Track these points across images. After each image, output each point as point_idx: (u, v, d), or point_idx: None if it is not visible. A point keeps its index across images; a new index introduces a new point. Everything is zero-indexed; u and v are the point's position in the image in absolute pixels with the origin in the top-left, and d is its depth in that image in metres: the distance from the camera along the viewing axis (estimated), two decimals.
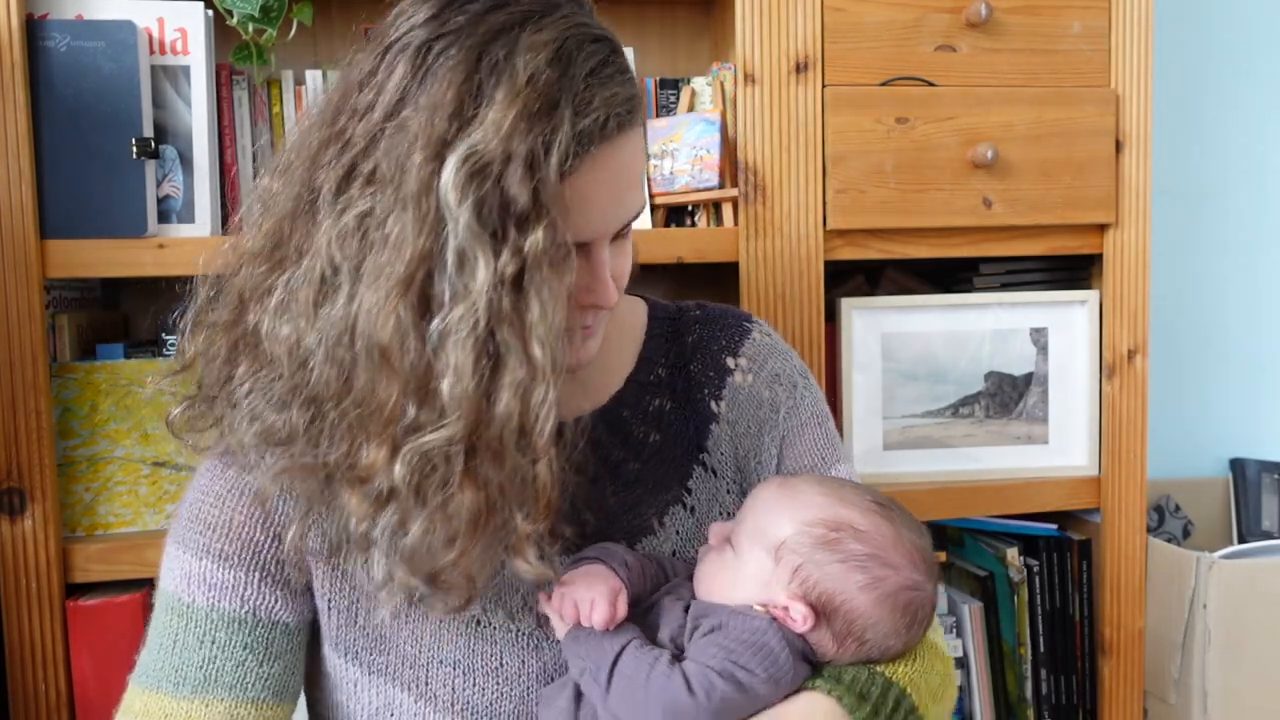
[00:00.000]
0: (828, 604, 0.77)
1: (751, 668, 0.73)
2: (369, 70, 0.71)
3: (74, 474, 1.22)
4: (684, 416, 0.92)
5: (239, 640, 0.79)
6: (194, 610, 0.79)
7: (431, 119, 0.67)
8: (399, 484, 0.69)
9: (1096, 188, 1.40)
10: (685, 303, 0.99)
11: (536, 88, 0.67)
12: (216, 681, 0.78)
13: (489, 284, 0.66)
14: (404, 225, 0.66)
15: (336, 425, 0.71)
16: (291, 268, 0.72)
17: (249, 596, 0.79)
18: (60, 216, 1.17)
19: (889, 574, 0.77)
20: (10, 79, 1.14)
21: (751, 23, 1.31)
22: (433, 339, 0.67)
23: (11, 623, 1.18)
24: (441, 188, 0.66)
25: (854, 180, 1.33)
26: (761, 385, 0.94)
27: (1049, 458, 1.46)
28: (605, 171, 0.72)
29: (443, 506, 0.69)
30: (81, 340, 1.27)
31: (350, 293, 0.69)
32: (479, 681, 0.81)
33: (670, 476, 0.90)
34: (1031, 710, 1.47)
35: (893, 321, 1.42)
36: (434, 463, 0.69)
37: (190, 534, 0.81)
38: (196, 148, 1.22)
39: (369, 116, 0.70)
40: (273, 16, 1.21)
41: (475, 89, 0.67)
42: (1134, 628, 1.46)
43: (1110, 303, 1.43)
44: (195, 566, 0.80)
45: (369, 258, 0.68)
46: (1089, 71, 1.40)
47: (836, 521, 0.78)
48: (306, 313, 0.70)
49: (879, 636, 0.78)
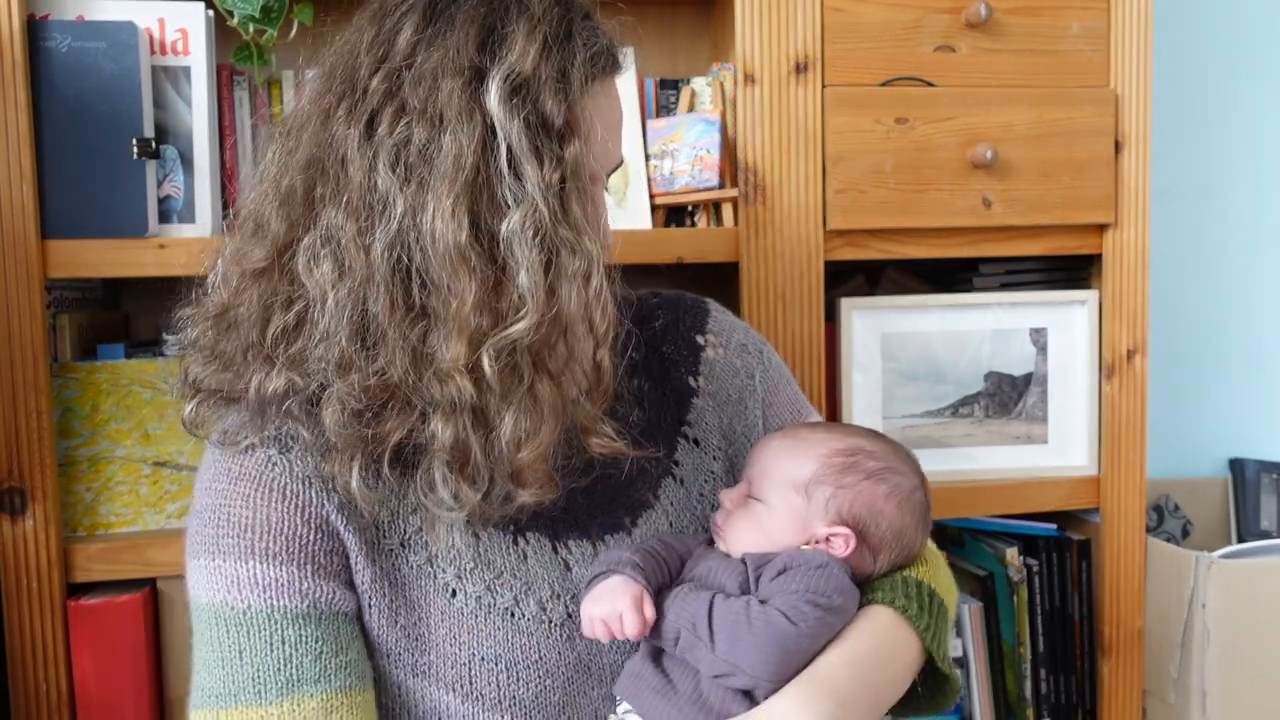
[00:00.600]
0: (861, 520, 0.85)
1: (829, 593, 0.80)
2: (373, 34, 0.77)
3: (75, 474, 1.23)
4: (663, 394, 0.96)
5: (309, 634, 0.76)
6: (252, 615, 0.76)
7: (460, 52, 0.73)
8: (489, 378, 0.72)
9: (1096, 188, 1.40)
10: (638, 291, 1.01)
11: (552, 19, 0.76)
12: (301, 679, 0.75)
13: (541, 188, 0.73)
14: (458, 142, 0.72)
15: (403, 342, 0.73)
16: (327, 209, 0.74)
17: (308, 590, 0.77)
18: (61, 216, 1.17)
19: (901, 479, 0.88)
20: (11, 79, 1.14)
21: (751, 23, 1.31)
22: (503, 239, 0.72)
23: (12, 623, 1.18)
24: (489, 105, 0.72)
25: (854, 180, 1.33)
26: (733, 356, 1.00)
27: (1049, 458, 1.46)
28: (607, 101, 0.82)
29: (528, 394, 0.74)
30: (82, 340, 1.27)
31: (408, 210, 0.72)
32: (521, 675, 0.82)
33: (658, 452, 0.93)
34: (1031, 710, 1.47)
35: (893, 321, 1.42)
36: (517, 357, 0.73)
37: (225, 539, 0.78)
38: (197, 148, 1.22)
39: (385, 66, 0.75)
40: (273, 17, 1.21)
41: (498, 23, 0.75)
42: (1133, 627, 1.46)
43: (1110, 303, 1.43)
44: (242, 571, 0.76)
45: (421, 179, 0.73)
46: (1088, 72, 1.40)
47: (849, 448, 0.87)
48: (353, 242, 0.73)
49: (906, 540, 0.88)
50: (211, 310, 0.80)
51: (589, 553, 0.87)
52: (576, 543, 0.87)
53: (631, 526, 0.90)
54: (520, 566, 0.84)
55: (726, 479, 0.96)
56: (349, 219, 0.73)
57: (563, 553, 0.86)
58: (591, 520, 0.88)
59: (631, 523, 0.90)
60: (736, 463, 0.98)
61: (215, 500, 0.79)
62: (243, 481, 0.79)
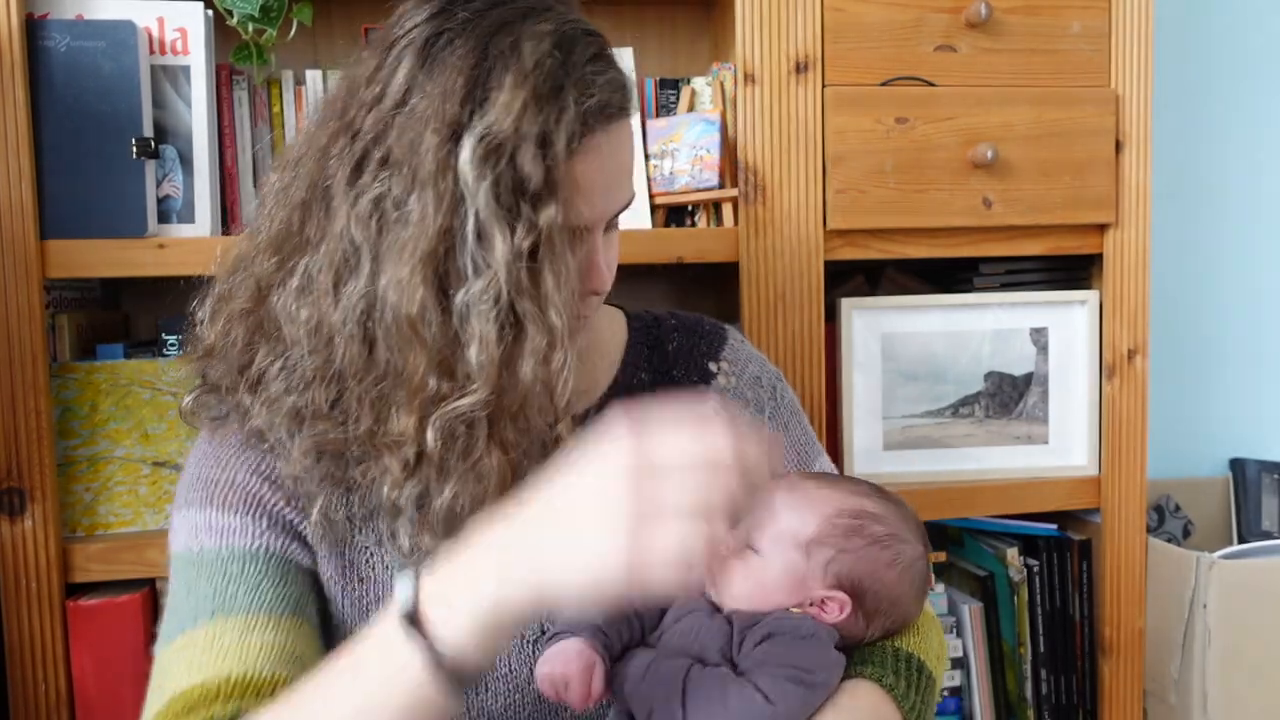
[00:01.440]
0: (859, 586, 0.81)
1: (811, 668, 0.76)
2: (374, 66, 0.74)
3: (74, 474, 1.22)
4: None
5: (252, 570, 0.78)
6: (204, 554, 0.78)
7: (443, 104, 0.70)
8: (430, 450, 0.71)
9: (1096, 188, 1.40)
10: (658, 311, 1.01)
11: (543, 72, 0.71)
12: (233, 606, 0.76)
13: (508, 257, 0.69)
14: (424, 204, 0.69)
15: (362, 400, 0.73)
16: (310, 253, 0.74)
17: (258, 534, 0.79)
18: (60, 216, 1.17)
19: (905, 548, 0.84)
20: (10, 79, 1.14)
21: (751, 23, 1.31)
22: (457, 310, 0.70)
23: (11, 623, 1.18)
24: (460, 167, 0.69)
25: (854, 180, 1.33)
26: (744, 388, 0.97)
27: (1049, 458, 1.46)
28: (603, 155, 0.75)
29: (471, 470, 0.73)
30: (81, 340, 1.27)
31: (373, 271, 0.71)
32: (491, 687, 0.81)
33: None
34: (1031, 710, 1.47)
35: (893, 321, 1.42)
36: (462, 429, 0.72)
37: (193, 493, 0.81)
38: (196, 148, 1.22)
39: (378, 107, 0.72)
40: (273, 16, 1.21)
41: (485, 75, 0.70)
42: (1134, 628, 1.46)
43: (1110, 303, 1.43)
44: (201, 518, 0.79)
45: (389, 237, 0.71)
46: (1089, 71, 1.40)
47: (856, 510, 0.83)
48: (327, 294, 0.72)
49: (902, 609, 0.84)
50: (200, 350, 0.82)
51: None
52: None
53: None
54: None
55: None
56: (328, 268, 0.72)
57: None
58: None
59: None
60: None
61: (194, 461, 0.84)
62: (222, 448, 0.82)
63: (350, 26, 1.35)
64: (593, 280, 0.80)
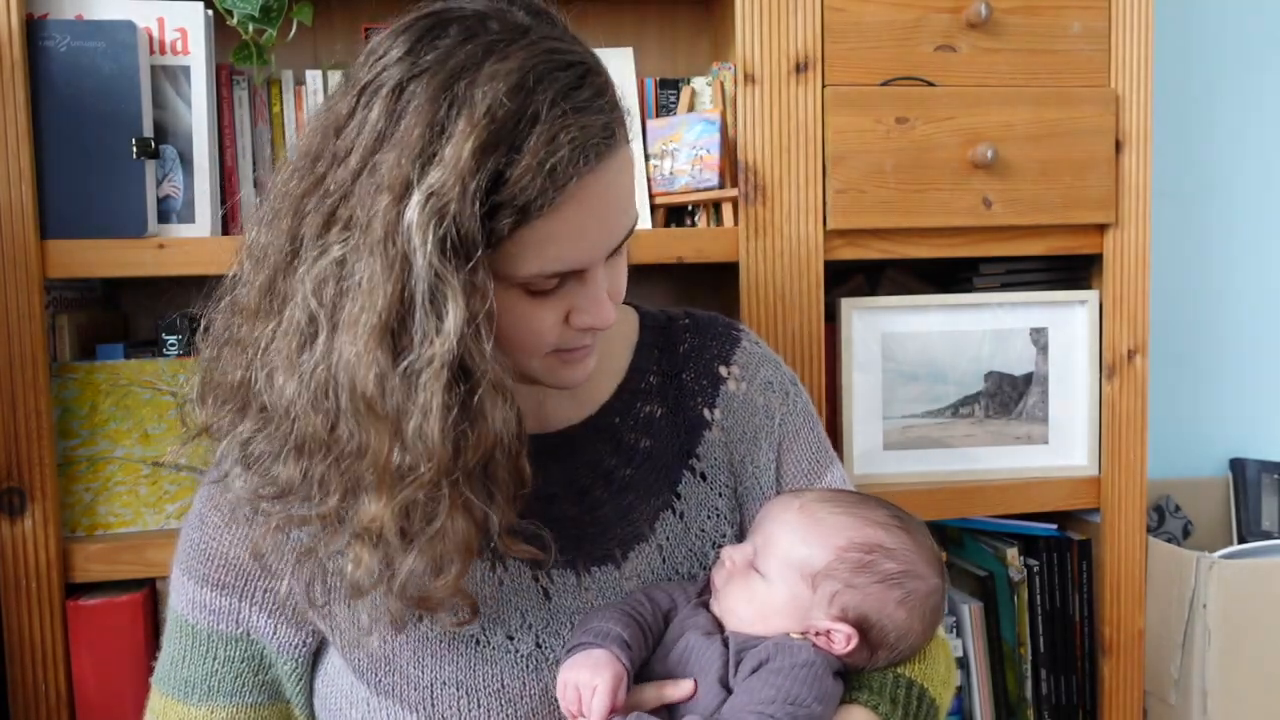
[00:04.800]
0: (866, 621, 0.80)
1: (806, 700, 0.74)
2: (345, 113, 0.70)
3: (74, 474, 1.22)
4: (675, 423, 0.93)
5: (236, 655, 0.85)
6: (197, 631, 0.85)
7: (399, 160, 0.66)
8: (386, 533, 0.70)
9: (1096, 188, 1.40)
10: (673, 310, 0.99)
11: (495, 119, 0.66)
12: (218, 690, 0.85)
13: (459, 321, 0.66)
14: (374, 271, 0.66)
15: (327, 475, 0.71)
16: (275, 319, 0.71)
17: (243, 619, 0.84)
18: (60, 216, 1.17)
19: (918, 584, 0.81)
20: (10, 79, 1.14)
21: (751, 23, 1.31)
22: (411, 380, 0.67)
23: (11, 623, 1.18)
24: (404, 230, 0.65)
25: (854, 180, 1.33)
26: (755, 392, 0.95)
27: (1049, 458, 1.46)
28: (588, 203, 0.71)
29: (433, 538, 0.71)
30: (81, 340, 1.27)
31: (328, 342, 0.69)
32: (483, 702, 0.81)
33: (660, 482, 0.90)
34: (1031, 710, 1.47)
35: (893, 321, 1.42)
36: (421, 496, 0.70)
37: (193, 562, 0.86)
38: (196, 148, 1.22)
39: (346, 163, 0.69)
40: (273, 16, 1.21)
41: (440, 127, 0.66)
42: (1134, 628, 1.46)
43: (1110, 303, 1.43)
44: (197, 594, 0.85)
45: (344, 306, 0.68)
46: (1089, 71, 1.40)
47: (868, 544, 0.81)
48: (290, 362, 0.70)
49: (910, 641, 0.82)
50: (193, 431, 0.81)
51: (571, 583, 0.85)
52: (559, 572, 0.84)
53: (621, 560, 0.87)
54: (494, 595, 0.82)
55: (731, 515, 0.92)
56: (287, 336, 0.70)
57: (543, 581, 0.84)
58: (579, 550, 0.85)
59: (622, 555, 0.87)
60: (743, 499, 0.93)
61: (195, 522, 0.86)
62: (218, 514, 0.85)
63: (350, 26, 1.35)
64: (594, 316, 0.77)
